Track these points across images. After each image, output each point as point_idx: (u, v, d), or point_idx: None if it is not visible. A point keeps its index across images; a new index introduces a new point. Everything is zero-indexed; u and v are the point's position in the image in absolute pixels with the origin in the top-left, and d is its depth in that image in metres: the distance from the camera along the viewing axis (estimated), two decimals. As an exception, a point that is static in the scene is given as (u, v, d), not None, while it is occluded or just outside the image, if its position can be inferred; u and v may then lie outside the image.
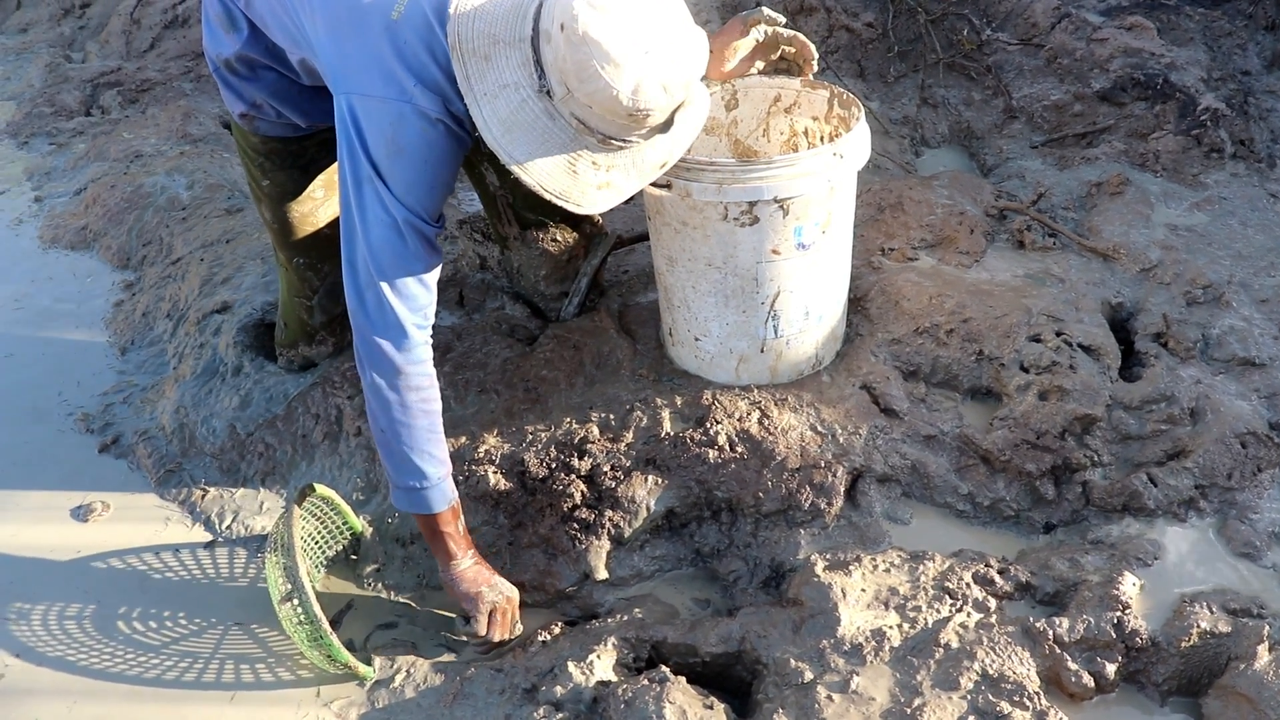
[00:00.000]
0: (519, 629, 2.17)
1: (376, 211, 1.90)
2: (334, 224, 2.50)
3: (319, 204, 2.50)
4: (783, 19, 2.31)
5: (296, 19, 1.99)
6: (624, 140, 1.84)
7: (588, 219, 2.79)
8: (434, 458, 2.03)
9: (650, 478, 2.28)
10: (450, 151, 1.93)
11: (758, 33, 2.32)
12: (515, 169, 1.82)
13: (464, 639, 2.15)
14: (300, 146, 2.41)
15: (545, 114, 1.80)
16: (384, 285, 1.92)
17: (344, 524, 2.37)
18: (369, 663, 2.13)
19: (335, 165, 2.41)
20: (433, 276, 1.99)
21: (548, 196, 1.85)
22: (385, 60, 1.85)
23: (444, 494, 2.05)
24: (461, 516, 2.13)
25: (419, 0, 1.86)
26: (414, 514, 2.09)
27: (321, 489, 2.29)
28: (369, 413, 2.03)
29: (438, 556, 2.13)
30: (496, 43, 1.79)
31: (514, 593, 2.15)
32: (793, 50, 2.38)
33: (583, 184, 1.86)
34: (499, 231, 2.77)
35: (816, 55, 2.38)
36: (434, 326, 2.83)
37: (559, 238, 2.73)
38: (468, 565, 2.11)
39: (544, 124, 1.80)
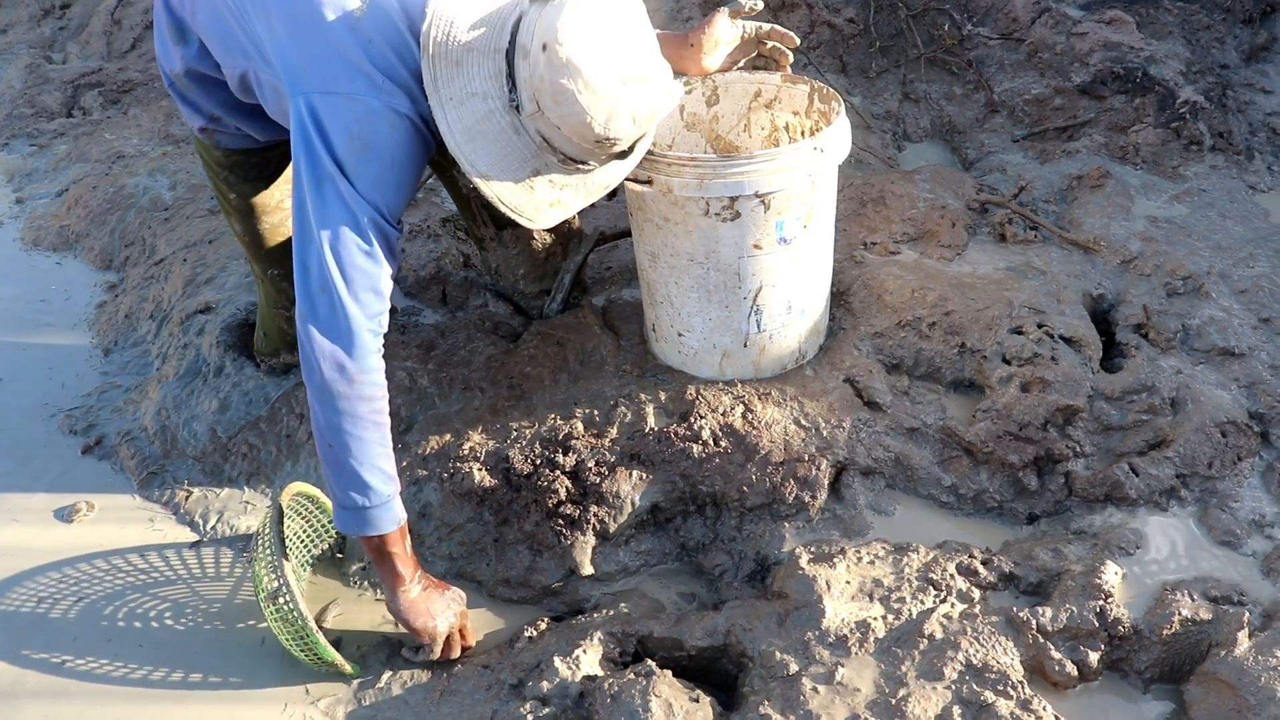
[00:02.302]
0: (471, 639, 2.15)
1: (337, 210, 1.83)
2: None
3: (288, 214, 2.44)
4: (760, 5, 2.31)
5: (250, 27, 1.94)
6: (584, 163, 1.86)
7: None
8: (383, 473, 1.94)
9: (635, 473, 2.28)
10: (417, 152, 1.91)
11: (738, 27, 2.32)
12: (476, 179, 1.82)
13: (418, 659, 2.12)
14: (263, 158, 2.38)
15: (511, 128, 1.81)
16: (340, 288, 1.85)
17: (329, 522, 2.36)
18: (356, 660, 2.13)
19: None
20: (388, 283, 1.92)
21: (503, 209, 1.86)
22: (351, 57, 1.82)
23: (393, 513, 1.97)
24: (408, 536, 2.05)
25: (382, 2, 1.84)
26: (360, 536, 2.00)
27: (306, 487, 2.29)
28: (314, 426, 1.94)
29: (384, 581, 2.04)
30: (470, 50, 1.79)
31: (461, 602, 2.11)
32: (770, 45, 2.38)
33: (537, 200, 1.88)
34: (475, 233, 2.77)
35: (797, 41, 2.38)
36: (418, 324, 2.85)
37: (536, 237, 2.73)
38: (417, 591, 2.04)
39: (508, 137, 1.81)
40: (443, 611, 2.06)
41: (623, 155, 1.92)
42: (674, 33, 2.32)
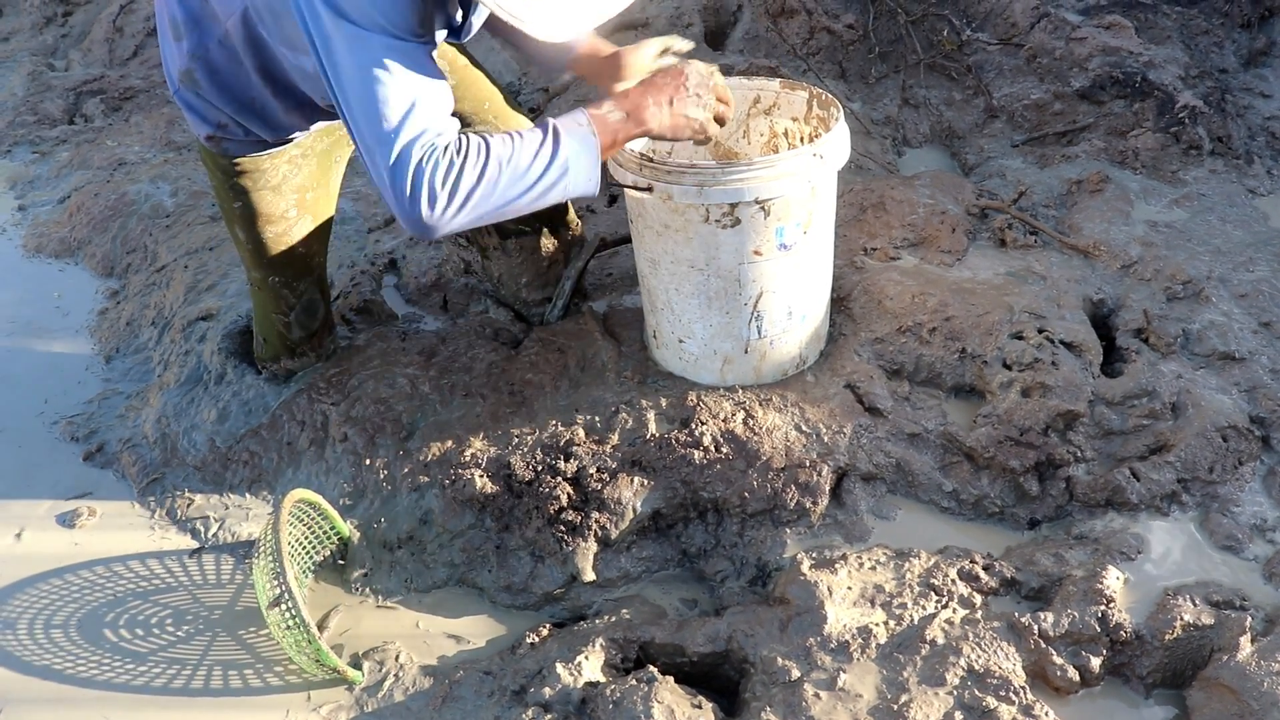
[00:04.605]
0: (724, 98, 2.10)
1: (348, 60, 1.76)
2: (307, 241, 2.49)
3: (292, 223, 2.45)
4: (690, 46, 2.29)
5: None
6: None
7: (567, 225, 2.79)
8: (538, 141, 1.89)
9: (636, 479, 2.29)
10: None
11: (658, 61, 2.26)
12: None
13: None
14: (271, 165, 2.36)
15: None
16: (388, 133, 1.77)
17: (331, 529, 2.37)
18: (358, 667, 2.13)
19: (307, 184, 2.41)
20: (434, 96, 1.82)
21: (507, 14, 1.74)
22: None
23: (576, 140, 1.91)
24: (605, 109, 1.98)
25: None
26: (599, 162, 1.96)
27: (309, 494, 2.30)
28: (492, 212, 1.88)
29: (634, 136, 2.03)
30: None
31: (699, 68, 2.05)
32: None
33: (549, 5, 1.77)
34: (478, 241, 2.77)
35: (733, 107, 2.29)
36: (419, 331, 2.86)
37: (539, 244, 2.74)
38: (660, 117, 2.01)
39: None
40: (698, 99, 2.04)
41: None
42: (605, 44, 2.29)
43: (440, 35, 2.03)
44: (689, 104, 2.04)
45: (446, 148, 1.81)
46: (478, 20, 2.12)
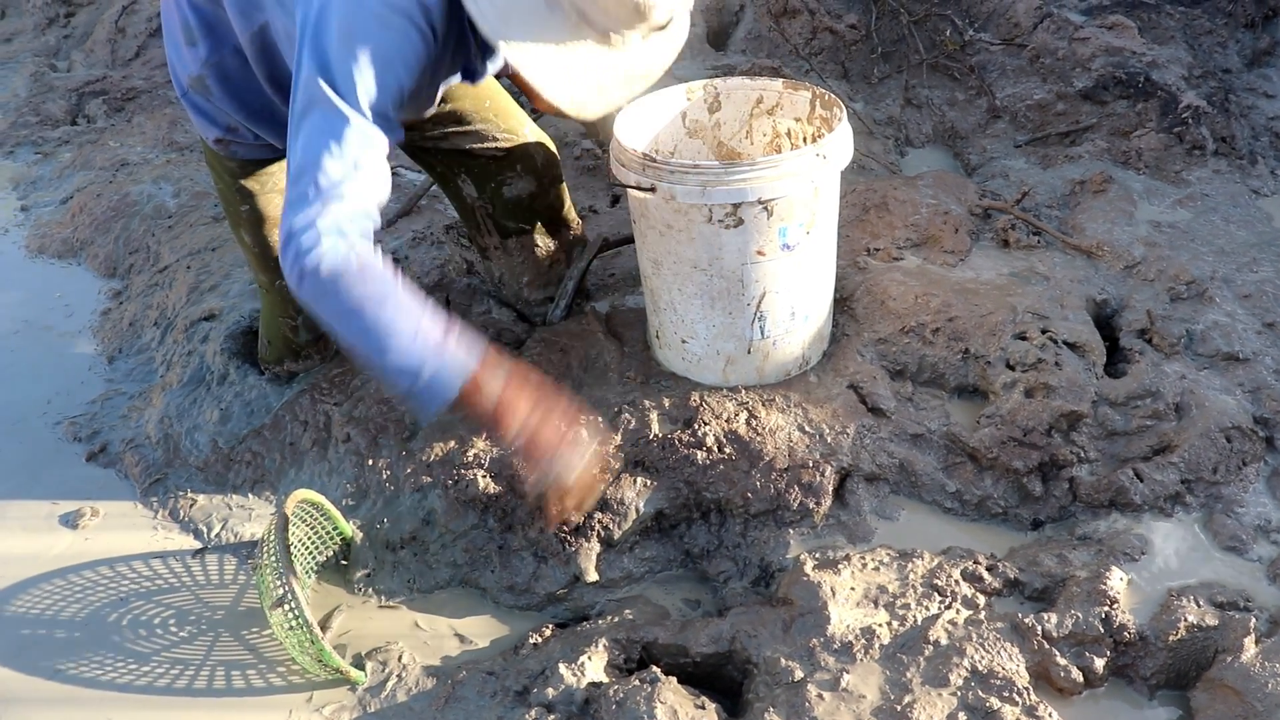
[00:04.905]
0: (589, 502, 1.99)
1: (319, 116, 1.75)
2: None
3: None
4: None
5: None
6: (622, 35, 1.77)
7: (568, 225, 2.79)
8: (408, 351, 1.76)
9: (639, 479, 2.29)
10: (410, 49, 1.79)
11: None
12: (514, 63, 1.73)
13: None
14: (279, 167, 2.37)
15: (545, 3, 1.74)
16: (315, 194, 1.73)
17: (334, 529, 2.37)
18: (360, 667, 2.13)
19: None
20: (372, 188, 1.79)
21: (538, 89, 1.75)
22: None
23: (448, 376, 1.78)
24: (496, 363, 1.83)
25: None
26: (445, 407, 1.80)
27: (311, 494, 2.29)
28: (341, 341, 1.81)
29: (491, 431, 1.88)
30: None
31: (591, 444, 1.91)
32: None
33: (576, 84, 1.78)
34: (479, 242, 2.77)
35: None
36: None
37: (540, 244, 2.73)
38: (531, 424, 1.83)
39: (543, 14, 1.74)
40: (569, 450, 1.86)
41: (661, 29, 1.82)
42: None
43: (455, 78, 2.06)
44: (562, 459, 1.86)
45: (354, 244, 1.76)
46: (494, 66, 2.13)
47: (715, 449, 2.31)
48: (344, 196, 1.75)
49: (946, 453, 2.42)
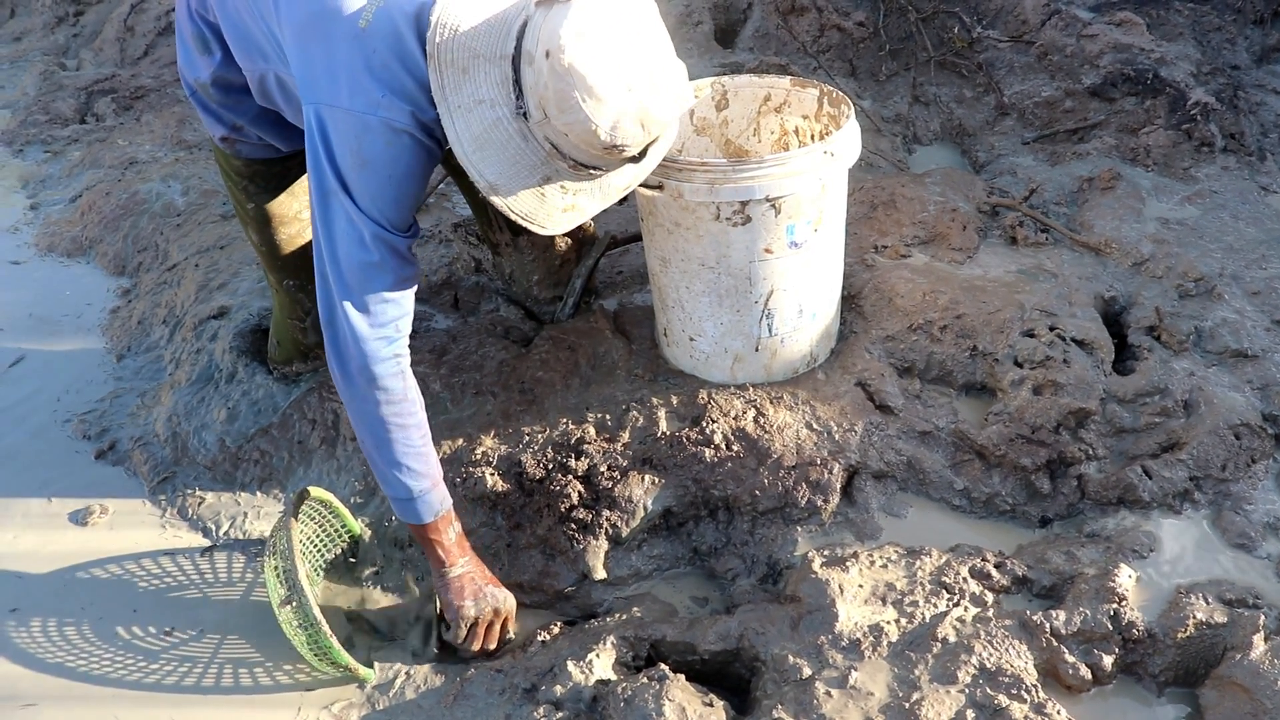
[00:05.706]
0: (510, 635, 2.17)
1: (342, 225, 1.87)
2: None
3: (306, 225, 2.45)
4: None
5: (269, 29, 1.96)
6: (594, 169, 1.83)
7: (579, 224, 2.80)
8: (414, 471, 2.00)
9: (647, 477, 2.29)
10: (418, 163, 1.89)
11: None
12: (483, 187, 1.81)
13: (447, 636, 2.15)
14: (284, 168, 2.38)
15: (519, 134, 1.77)
16: (349, 302, 1.89)
17: (342, 527, 2.37)
18: (369, 665, 2.13)
19: None
20: (403, 290, 1.95)
21: (513, 217, 1.84)
22: (353, 70, 1.81)
23: (430, 505, 2.04)
24: (455, 522, 2.11)
25: (388, 9, 1.82)
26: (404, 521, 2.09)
27: (320, 492, 2.30)
28: (352, 425, 2.03)
29: (429, 561, 2.13)
30: (476, 57, 1.76)
31: (507, 601, 2.13)
32: None
33: (549, 206, 1.86)
34: (490, 238, 2.78)
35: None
36: (430, 330, 2.86)
37: (551, 242, 2.73)
38: (456, 574, 2.09)
39: (516, 144, 1.78)
40: (476, 599, 2.09)
41: (637, 160, 1.89)
42: None
43: None
44: (468, 609, 2.09)
45: (401, 365, 1.97)
46: None
47: (723, 446, 2.31)
48: (366, 309, 1.91)
49: (954, 450, 2.42)
